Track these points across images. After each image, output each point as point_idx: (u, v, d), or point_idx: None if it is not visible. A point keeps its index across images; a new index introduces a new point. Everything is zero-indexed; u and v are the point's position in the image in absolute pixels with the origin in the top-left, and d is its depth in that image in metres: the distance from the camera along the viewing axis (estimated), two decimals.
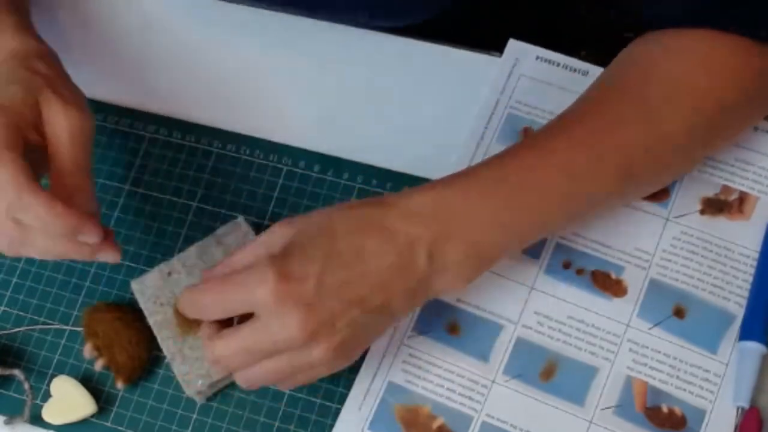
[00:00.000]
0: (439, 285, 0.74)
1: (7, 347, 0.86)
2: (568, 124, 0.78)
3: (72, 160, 0.75)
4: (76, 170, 0.75)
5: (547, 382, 0.79)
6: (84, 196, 0.75)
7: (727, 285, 0.81)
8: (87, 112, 0.77)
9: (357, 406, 0.80)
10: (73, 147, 0.75)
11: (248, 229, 0.84)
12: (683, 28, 0.78)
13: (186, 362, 0.81)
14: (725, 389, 0.78)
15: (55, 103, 0.76)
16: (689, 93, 0.77)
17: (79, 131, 0.76)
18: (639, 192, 0.82)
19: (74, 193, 0.74)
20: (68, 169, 0.75)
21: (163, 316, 0.82)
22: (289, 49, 0.93)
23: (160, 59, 0.94)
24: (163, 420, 0.82)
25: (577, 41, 1.00)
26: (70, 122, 0.75)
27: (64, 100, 0.76)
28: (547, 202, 0.76)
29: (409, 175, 0.87)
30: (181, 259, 0.84)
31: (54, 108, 0.76)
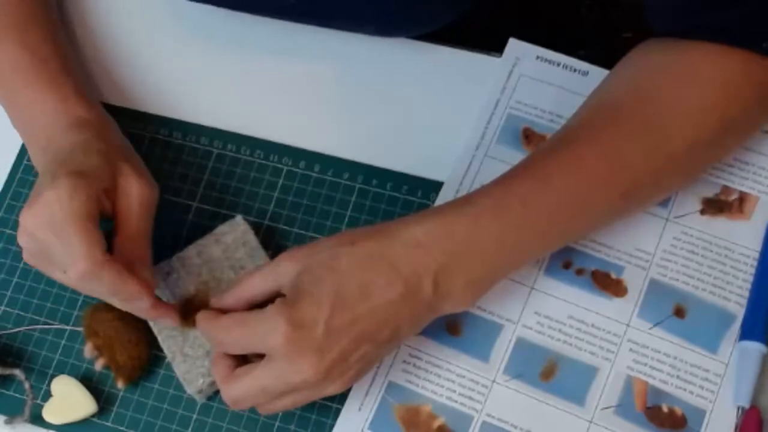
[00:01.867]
0: (443, 308, 0.76)
1: (8, 347, 0.86)
2: (569, 146, 0.77)
3: (138, 229, 0.79)
4: (140, 239, 0.79)
5: (548, 382, 0.79)
6: (144, 264, 0.78)
7: (727, 285, 0.81)
8: (155, 184, 0.81)
9: (357, 406, 0.80)
10: (140, 216, 0.79)
11: (247, 228, 0.84)
12: (683, 41, 0.78)
13: (186, 361, 0.81)
14: (725, 389, 0.78)
15: (130, 174, 0.79)
16: (692, 111, 0.77)
17: (148, 201, 0.80)
18: (641, 208, 0.82)
19: (136, 261, 0.77)
20: (134, 237, 0.79)
21: None
22: (289, 50, 0.93)
23: (160, 60, 0.94)
24: (163, 420, 0.82)
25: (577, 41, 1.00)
26: (142, 193, 0.79)
27: (138, 171, 0.80)
28: (548, 227, 0.76)
29: (409, 175, 0.87)
30: (180, 259, 0.84)
31: (129, 179, 0.79)
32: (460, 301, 0.76)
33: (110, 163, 0.79)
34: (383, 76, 0.91)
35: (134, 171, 0.80)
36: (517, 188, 0.76)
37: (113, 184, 0.79)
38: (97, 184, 0.77)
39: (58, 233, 0.74)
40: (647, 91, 0.78)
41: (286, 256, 0.75)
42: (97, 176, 0.77)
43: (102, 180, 0.78)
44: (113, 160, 0.80)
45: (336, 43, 0.92)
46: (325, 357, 0.72)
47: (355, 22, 0.89)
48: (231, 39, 0.94)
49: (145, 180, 0.80)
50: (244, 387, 0.74)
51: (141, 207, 0.79)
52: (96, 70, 0.94)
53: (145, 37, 0.95)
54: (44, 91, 0.84)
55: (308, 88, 0.92)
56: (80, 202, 0.74)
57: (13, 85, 0.86)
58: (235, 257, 0.83)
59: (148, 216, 0.80)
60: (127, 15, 0.96)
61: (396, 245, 0.73)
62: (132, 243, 0.78)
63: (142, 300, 0.76)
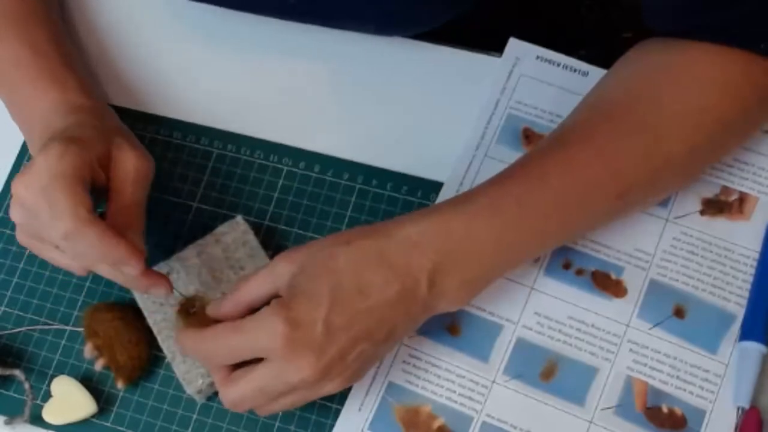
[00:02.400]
0: (438, 307, 0.76)
1: (8, 347, 0.86)
2: (565, 146, 0.77)
3: (132, 198, 0.79)
4: (133, 208, 0.79)
5: (548, 382, 0.79)
6: (135, 233, 0.78)
7: (727, 285, 0.81)
8: (150, 157, 0.81)
9: (357, 406, 0.80)
10: (135, 186, 0.79)
11: (246, 228, 0.84)
12: (682, 41, 0.78)
13: (186, 361, 0.81)
14: (725, 389, 0.78)
15: (126, 146, 0.80)
16: (690, 111, 0.77)
17: (144, 172, 0.80)
18: (639, 208, 0.82)
19: (127, 229, 0.77)
20: (127, 206, 0.78)
21: (162, 316, 0.82)
22: (289, 51, 0.93)
23: (160, 61, 0.94)
24: (163, 420, 0.82)
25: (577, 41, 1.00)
26: (137, 163, 0.79)
27: (133, 144, 0.80)
28: (544, 227, 0.76)
29: (409, 176, 0.87)
30: (180, 259, 0.84)
31: (124, 150, 0.79)
32: (455, 300, 0.76)
33: (105, 137, 0.79)
34: (383, 77, 0.91)
35: (129, 143, 0.80)
36: (513, 188, 0.76)
37: (107, 156, 0.78)
38: (89, 150, 0.76)
39: (46, 195, 0.74)
40: (644, 90, 0.78)
41: (282, 258, 0.75)
42: (90, 144, 0.77)
43: (95, 148, 0.77)
44: (107, 134, 0.80)
45: (336, 44, 0.92)
46: (324, 356, 0.72)
47: (356, 21, 0.89)
48: (231, 39, 0.94)
49: (140, 152, 0.80)
50: (242, 389, 0.74)
51: (135, 177, 0.79)
52: (96, 70, 0.94)
53: (145, 38, 0.95)
54: (45, 86, 0.84)
55: (308, 88, 0.92)
56: (68, 164, 0.74)
57: (14, 80, 0.86)
58: (234, 257, 0.83)
59: (143, 187, 0.79)
60: (127, 15, 0.96)
61: (391, 244, 0.73)
62: (125, 211, 0.78)
63: (131, 265, 0.75)
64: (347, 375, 0.74)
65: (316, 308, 0.72)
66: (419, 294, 0.74)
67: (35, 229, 0.77)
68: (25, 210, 0.75)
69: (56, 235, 0.74)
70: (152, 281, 0.77)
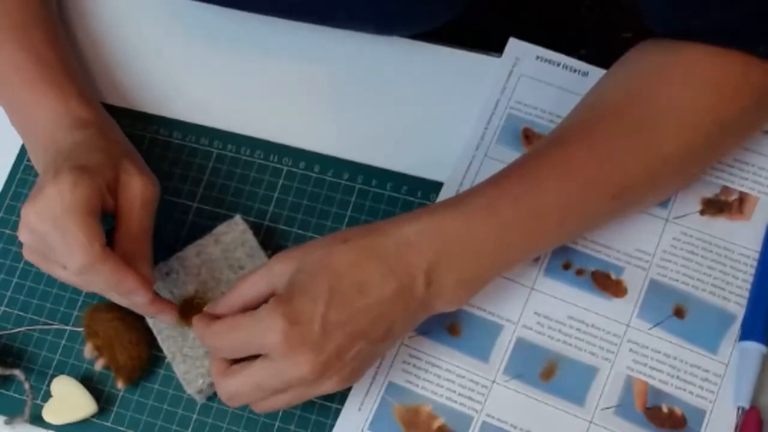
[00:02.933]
0: (435, 306, 0.76)
1: (8, 347, 0.86)
2: (561, 146, 0.78)
3: (139, 225, 0.79)
4: (141, 235, 0.79)
5: (548, 382, 0.79)
6: (143, 260, 0.78)
7: (727, 285, 0.81)
8: (156, 182, 0.81)
9: (357, 406, 0.80)
10: (141, 212, 0.79)
11: (246, 228, 0.84)
12: (680, 42, 0.78)
13: (186, 361, 0.81)
14: (725, 389, 0.78)
15: (132, 170, 0.80)
16: (687, 112, 0.77)
17: (150, 198, 0.80)
18: (637, 208, 0.82)
19: (136, 256, 0.78)
20: (135, 233, 0.79)
21: None
22: (289, 51, 0.93)
23: (160, 61, 0.94)
24: (163, 420, 0.82)
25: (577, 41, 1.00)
26: (144, 189, 0.79)
27: (140, 168, 0.80)
28: (540, 227, 0.77)
29: (409, 175, 0.87)
30: (179, 259, 0.84)
31: (131, 175, 0.79)
32: (453, 299, 0.76)
33: (112, 160, 0.79)
34: (384, 77, 0.91)
35: (136, 167, 0.80)
36: (510, 188, 0.76)
37: (115, 180, 0.79)
38: (99, 179, 0.77)
39: (59, 226, 0.74)
40: (641, 91, 0.78)
41: (280, 258, 0.75)
42: (99, 172, 0.78)
43: (104, 175, 0.78)
44: (115, 157, 0.80)
45: (337, 43, 0.92)
46: (322, 353, 0.72)
47: (355, 21, 0.89)
48: (231, 39, 0.94)
49: (146, 177, 0.80)
50: (239, 382, 0.74)
51: (142, 203, 0.79)
52: (96, 70, 0.94)
53: (145, 38, 0.95)
54: (45, 91, 0.84)
55: (308, 88, 0.92)
56: (81, 196, 0.75)
57: (13, 85, 0.86)
58: (234, 257, 0.83)
59: (149, 212, 0.80)
60: (126, 15, 0.96)
61: (389, 244, 0.74)
62: (132, 239, 0.79)
63: (140, 295, 0.76)
64: (345, 374, 0.73)
65: (315, 305, 0.72)
66: (417, 292, 0.74)
67: (44, 252, 0.78)
68: (35, 236, 0.76)
69: (69, 266, 0.75)
70: (159, 308, 0.79)
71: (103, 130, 0.83)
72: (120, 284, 0.76)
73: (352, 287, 0.73)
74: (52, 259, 0.77)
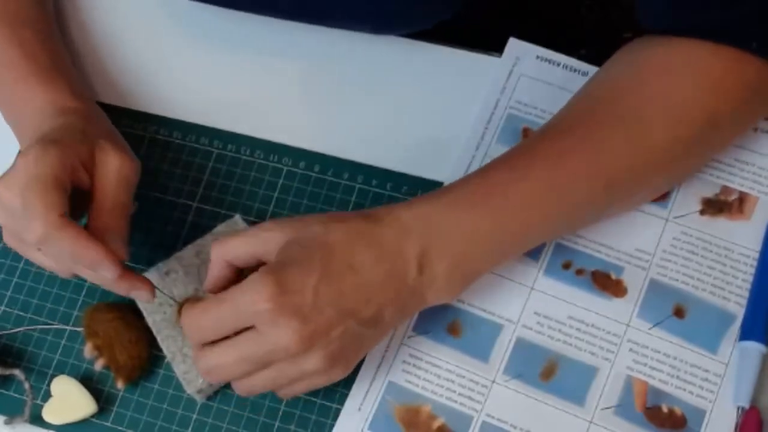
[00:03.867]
0: (429, 296, 0.76)
1: (8, 347, 0.86)
2: (551, 138, 0.78)
3: (114, 199, 0.78)
4: (115, 210, 0.78)
5: (547, 382, 0.79)
6: (116, 236, 0.78)
7: (727, 285, 0.81)
8: (136, 159, 0.81)
9: (357, 406, 0.80)
10: (118, 187, 0.79)
11: (245, 227, 0.84)
12: (674, 37, 0.78)
13: (186, 361, 0.81)
14: (725, 389, 0.78)
15: (109, 147, 0.79)
16: (677, 105, 0.77)
17: (127, 174, 0.79)
18: (628, 203, 0.82)
19: (108, 231, 0.77)
20: (108, 208, 0.78)
21: (162, 316, 0.82)
22: (289, 50, 0.93)
23: (160, 61, 0.94)
24: (163, 420, 0.82)
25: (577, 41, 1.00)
26: (120, 164, 0.79)
27: (116, 146, 0.80)
28: (527, 216, 0.77)
29: (409, 175, 0.87)
30: (178, 259, 0.84)
31: (107, 151, 0.79)
32: (445, 288, 0.76)
33: (89, 139, 0.79)
34: (383, 76, 0.91)
35: (113, 146, 0.79)
36: (500, 177, 0.77)
37: (91, 157, 0.79)
38: (69, 152, 0.77)
39: (23, 197, 0.74)
40: (631, 84, 0.79)
41: (272, 225, 0.75)
42: (71, 146, 0.77)
43: (77, 151, 0.77)
44: (92, 137, 0.80)
45: (336, 43, 0.92)
46: (309, 324, 0.71)
47: (353, 20, 0.89)
48: (231, 39, 0.94)
49: (124, 154, 0.80)
50: (221, 353, 0.73)
51: (118, 179, 0.79)
52: (96, 70, 0.94)
53: (144, 38, 0.95)
54: (34, 87, 0.85)
55: (308, 88, 0.92)
56: (46, 166, 0.75)
57: (3, 80, 0.86)
58: None
59: (126, 189, 0.79)
60: (125, 15, 0.96)
61: (383, 228, 0.74)
62: (106, 213, 0.78)
63: (106, 268, 0.75)
64: (330, 351, 0.73)
65: (307, 276, 0.72)
66: (408, 278, 0.74)
67: (17, 230, 0.77)
68: (5, 211, 0.76)
69: (30, 237, 0.75)
70: (131, 284, 0.78)
71: (84, 114, 0.83)
72: (82, 255, 0.75)
73: (345, 265, 0.73)
74: (25, 239, 0.77)
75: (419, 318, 0.82)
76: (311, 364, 0.73)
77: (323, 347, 0.72)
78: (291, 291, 0.71)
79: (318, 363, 0.73)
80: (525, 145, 0.80)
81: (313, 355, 0.72)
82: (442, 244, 0.75)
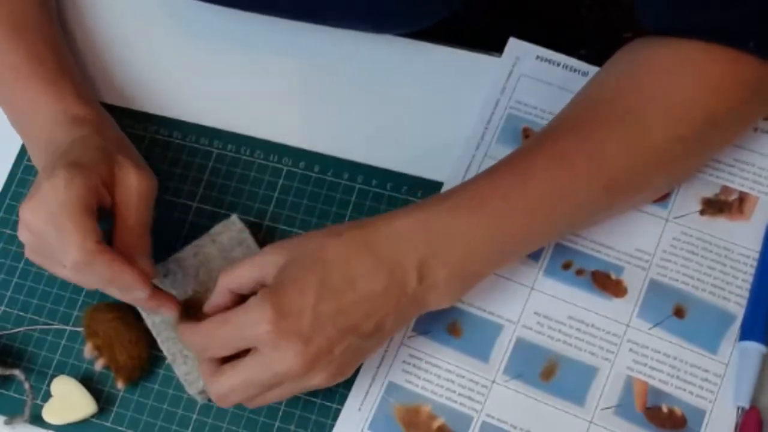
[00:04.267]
0: (429, 302, 0.76)
1: (8, 347, 0.86)
2: (551, 141, 0.78)
3: (136, 219, 0.79)
4: (138, 229, 0.79)
5: (547, 382, 0.79)
6: (142, 255, 0.78)
7: (727, 285, 0.81)
8: (153, 176, 0.81)
9: (357, 406, 0.80)
10: (139, 207, 0.79)
11: (242, 227, 0.84)
12: (673, 38, 0.78)
13: (187, 362, 0.81)
14: (725, 389, 0.78)
15: (128, 165, 0.79)
16: (677, 105, 0.77)
17: (146, 192, 0.79)
18: (629, 203, 0.82)
19: (134, 251, 0.78)
20: (131, 227, 0.78)
21: (161, 318, 0.82)
22: (289, 50, 0.93)
23: (160, 60, 0.94)
24: (163, 420, 0.82)
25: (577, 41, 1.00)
26: (140, 183, 0.79)
27: (136, 164, 0.80)
28: (528, 219, 0.77)
29: (409, 175, 0.87)
30: (177, 260, 0.84)
31: (126, 170, 0.79)
32: (446, 293, 0.76)
33: (108, 156, 0.79)
34: (383, 76, 0.91)
35: (132, 163, 0.80)
36: (500, 181, 0.77)
37: (111, 176, 0.79)
38: (94, 175, 0.77)
39: (54, 224, 0.74)
40: (631, 84, 0.79)
41: (272, 248, 0.76)
42: (94, 168, 0.77)
43: (100, 172, 0.78)
44: (110, 154, 0.80)
45: (336, 43, 0.92)
46: (311, 345, 0.72)
47: (352, 19, 0.89)
48: (231, 39, 0.94)
49: (142, 171, 0.80)
50: (230, 381, 0.74)
51: (139, 198, 0.79)
52: (96, 70, 0.94)
53: (145, 38, 0.95)
54: (41, 90, 0.85)
55: (308, 88, 0.92)
56: (76, 193, 0.75)
57: (9, 85, 0.86)
58: (232, 256, 0.83)
59: (147, 207, 0.80)
60: (125, 15, 0.96)
61: (380, 237, 0.74)
62: (130, 233, 0.78)
63: (139, 289, 0.76)
64: (334, 368, 0.73)
65: (305, 297, 0.72)
66: (408, 288, 0.74)
67: (44, 250, 0.78)
68: (32, 234, 0.76)
69: (65, 263, 0.75)
70: (160, 302, 0.78)
71: (99, 127, 0.83)
72: (118, 279, 0.76)
73: (343, 281, 0.73)
74: (52, 257, 0.77)
75: (419, 318, 0.82)
76: (316, 381, 0.73)
77: (327, 365, 0.73)
78: (290, 314, 0.72)
79: (322, 380, 0.74)
80: (525, 147, 0.79)
81: (318, 375, 0.73)
82: (442, 251, 0.74)
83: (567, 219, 0.79)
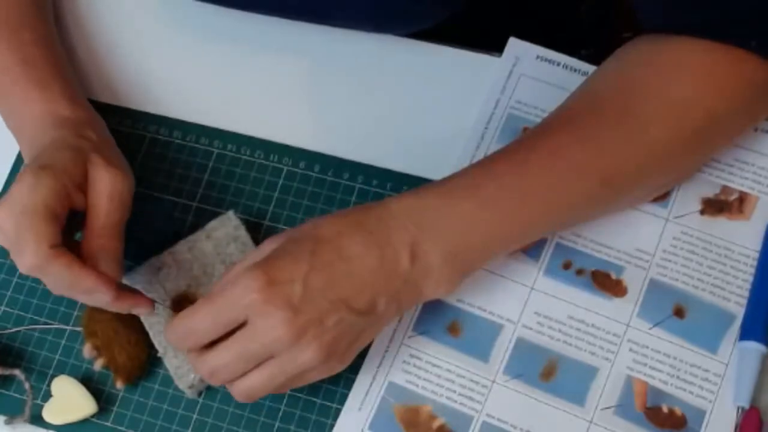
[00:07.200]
0: (424, 288, 0.76)
1: (8, 347, 0.86)
2: (548, 133, 0.78)
3: (106, 219, 0.78)
4: (107, 230, 0.78)
5: (548, 382, 0.79)
6: (109, 257, 0.77)
7: (727, 285, 0.81)
8: (129, 175, 0.80)
9: (357, 406, 0.80)
10: (110, 206, 0.78)
11: (238, 223, 0.84)
12: (673, 36, 0.78)
13: (178, 356, 0.81)
14: (725, 389, 0.78)
15: (100, 164, 0.78)
16: (673, 101, 0.77)
17: (119, 191, 0.78)
18: (626, 200, 0.82)
19: (101, 253, 0.77)
20: (101, 228, 0.78)
21: None
22: (289, 50, 0.93)
23: (160, 60, 0.94)
24: (163, 420, 0.82)
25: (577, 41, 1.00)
26: (112, 181, 0.78)
27: (108, 161, 0.79)
28: (524, 209, 0.77)
29: (409, 175, 0.87)
30: (171, 254, 0.84)
31: (98, 168, 0.78)
32: (440, 282, 0.76)
33: (81, 156, 0.79)
34: (383, 76, 0.91)
35: (104, 163, 0.79)
36: (495, 168, 0.77)
37: (84, 176, 0.78)
38: (64, 177, 0.76)
39: (17, 227, 0.74)
40: (630, 81, 0.79)
41: (270, 238, 0.76)
42: (65, 170, 0.77)
43: (71, 173, 0.77)
44: (84, 153, 0.79)
45: (337, 43, 0.92)
46: (300, 314, 0.71)
47: (353, 19, 0.89)
48: (232, 39, 0.94)
49: (115, 169, 0.79)
50: (219, 354, 0.73)
51: (109, 197, 0.78)
52: (96, 70, 0.94)
53: (144, 37, 0.95)
54: (31, 92, 0.85)
55: (308, 87, 0.92)
56: (40, 196, 0.74)
57: (3, 87, 0.86)
58: (226, 252, 0.83)
59: (118, 205, 0.78)
60: (125, 15, 0.96)
61: (372, 217, 0.75)
62: (98, 234, 0.77)
63: (102, 292, 0.75)
64: (325, 341, 0.72)
65: (296, 267, 0.72)
66: (400, 267, 0.74)
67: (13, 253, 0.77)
68: (5, 236, 0.76)
69: (22, 268, 0.75)
70: (129, 303, 0.78)
71: (80, 128, 0.82)
72: (76, 284, 0.75)
73: (335, 254, 0.73)
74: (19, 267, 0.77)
75: (419, 318, 0.82)
76: (307, 355, 0.72)
77: (317, 337, 0.72)
78: (280, 282, 0.71)
79: (314, 354, 0.72)
80: (522, 139, 0.80)
81: (308, 346, 0.72)
82: (435, 234, 0.75)
83: (563, 211, 0.79)
